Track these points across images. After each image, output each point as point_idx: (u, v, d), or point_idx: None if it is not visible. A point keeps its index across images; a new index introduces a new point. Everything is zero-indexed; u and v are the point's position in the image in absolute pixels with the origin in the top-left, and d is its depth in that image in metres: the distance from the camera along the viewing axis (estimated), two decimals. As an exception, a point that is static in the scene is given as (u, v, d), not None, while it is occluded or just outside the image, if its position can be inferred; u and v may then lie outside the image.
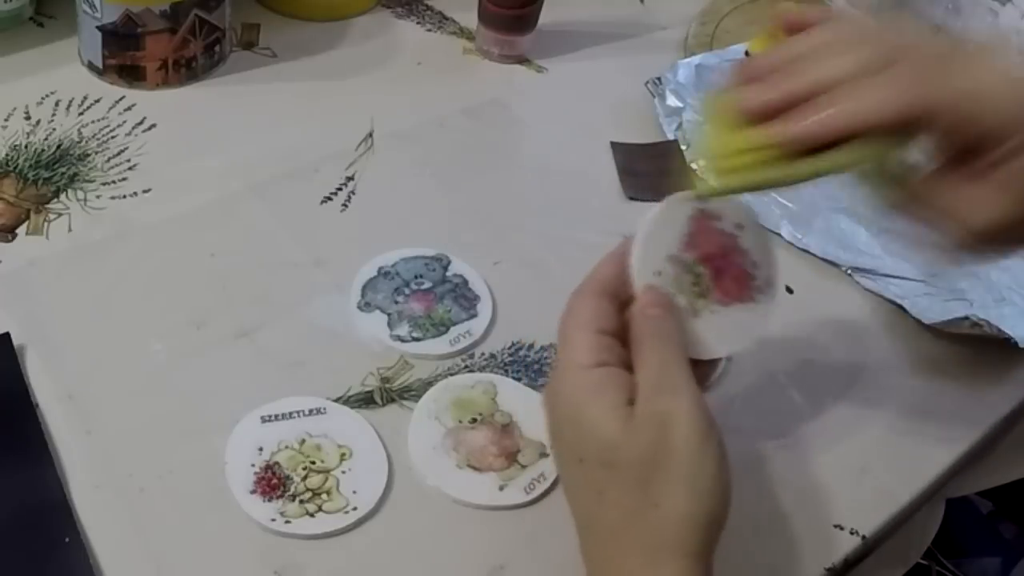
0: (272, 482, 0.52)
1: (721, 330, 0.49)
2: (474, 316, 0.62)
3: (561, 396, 0.46)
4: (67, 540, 0.49)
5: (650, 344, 0.46)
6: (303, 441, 0.54)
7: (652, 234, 0.48)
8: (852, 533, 0.56)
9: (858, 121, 0.43)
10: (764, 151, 0.45)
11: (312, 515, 0.51)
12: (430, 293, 0.63)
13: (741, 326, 0.50)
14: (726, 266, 0.49)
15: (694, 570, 0.43)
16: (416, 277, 0.64)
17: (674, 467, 0.43)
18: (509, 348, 0.61)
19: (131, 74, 0.73)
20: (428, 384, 0.58)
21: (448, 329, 0.61)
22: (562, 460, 0.48)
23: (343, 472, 0.53)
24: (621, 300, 0.48)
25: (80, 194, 0.66)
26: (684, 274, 0.49)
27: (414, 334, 0.61)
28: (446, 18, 0.86)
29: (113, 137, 0.70)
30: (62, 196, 0.65)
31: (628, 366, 0.46)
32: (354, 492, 0.52)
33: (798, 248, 0.70)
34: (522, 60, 0.83)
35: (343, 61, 0.80)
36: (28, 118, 0.70)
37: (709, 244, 0.49)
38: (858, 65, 0.43)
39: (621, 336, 0.47)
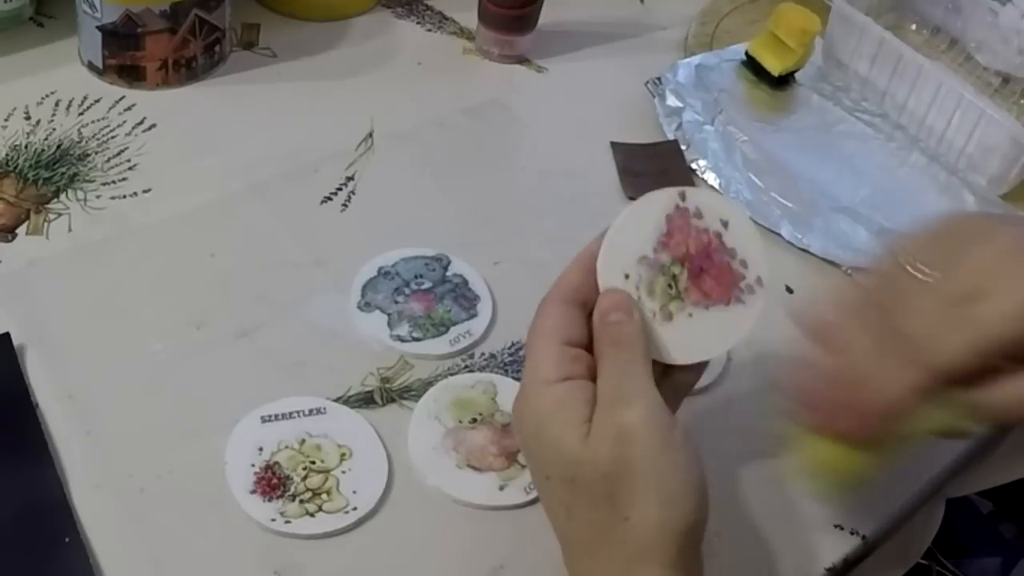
0: (272, 482, 0.52)
1: (698, 334, 0.48)
2: (474, 316, 0.62)
3: (526, 413, 0.46)
4: (67, 540, 0.49)
5: (608, 352, 0.45)
6: (303, 441, 0.54)
7: (621, 235, 0.47)
8: (852, 533, 0.56)
9: (897, 407, 0.45)
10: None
11: (312, 515, 0.51)
12: (430, 293, 0.63)
13: (722, 329, 0.48)
14: (708, 266, 0.48)
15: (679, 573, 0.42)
16: (416, 277, 0.64)
17: (638, 479, 0.42)
18: (509, 348, 0.61)
19: (131, 74, 0.73)
20: (428, 384, 0.58)
21: (448, 329, 0.61)
22: (533, 477, 0.48)
23: (343, 472, 0.53)
24: (591, 306, 0.47)
25: (80, 194, 0.66)
26: (658, 276, 0.47)
27: (414, 334, 0.61)
28: (446, 18, 0.86)
29: (113, 137, 0.70)
30: (62, 196, 0.65)
31: (596, 376, 0.46)
32: (354, 492, 0.52)
33: (798, 248, 0.70)
34: (522, 60, 0.83)
35: (343, 61, 0.80)
36: (28, 118, 0.70)
37: (687, 243, 0.48)
38: (876, 349, 0.45)
39: (590, 345, 0.47)
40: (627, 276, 0.47)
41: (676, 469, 0.43)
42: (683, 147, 0.76)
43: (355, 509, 0.52)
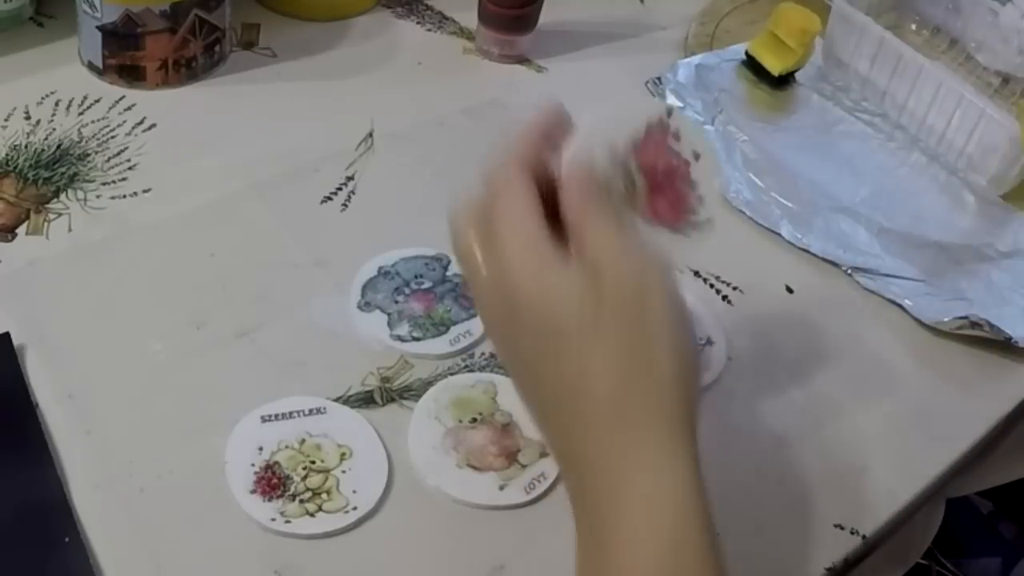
0: (272, 482, 0.52)
1: None
2: (474, 316, 0.62)
3: (516, 281, 0.42)
4: (67, 540, 0.49)
5: (595, 219, 0.43)
6: (303, 441, 0.54)
7: (599, 124, 0.46)
8: (852, 533, 0.56)
9: None
10: None
11: (312, 515, 0.51)
12: (430, 293, 0.63)
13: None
14: (667, 186, 0.47)
15: (687, 436, 0.41)
16: (416, 277, 0.64)
17: (655, 326, 0.41)
18: (509, 348, 0.61)
19: (131, 74, 0.73)
20: (428, 384, 0.58)
21: (448, 329, 0.61)
22: (527, 358, 0.44)
23: (343, 472, 0.53)
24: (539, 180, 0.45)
25: (80, 194, 0.66)
26: (617, 177, 0.46)
27: (414, 334, 0.61)
28: (446, 18, 0.86)
29: (113, 137, 0.70)
30: (62, 196, 0.65)
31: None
32: (354, 492, 0.52)
33: (798, 248, 0.71)
34: (522, 60, 0.83)
35: (343, 61, 0.80)
36: (28, 118, 0.70)
37: (657, 157, 0.46)
38: None
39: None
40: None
41: (685, 321, 0.42)
42: (683, 147, 0.76)
43: (355, 509, 0.52)
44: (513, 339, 0.45)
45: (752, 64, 0.83)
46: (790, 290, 0.68)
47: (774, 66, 0.82)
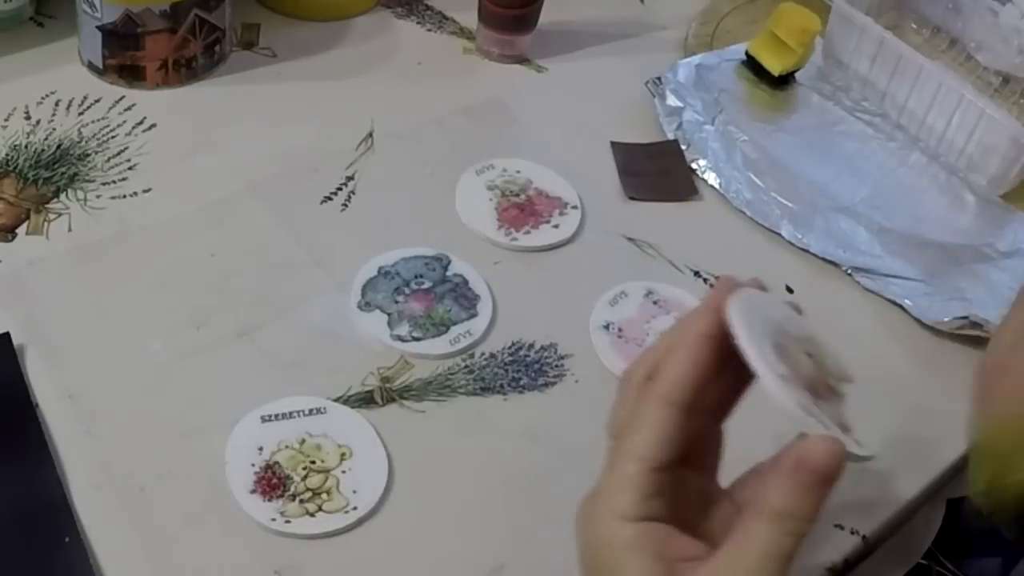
0: (272, 482, 0.52)
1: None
2: (474, 316, 0.62)
3: (593, 538, 0.41)
4: (67, 540, 0.49)
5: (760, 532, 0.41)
6: (303, 441, 0.54)
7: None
8: (852, 533, 0.56)
9: None
10: None
11: (312, 515, 0.51)
12: (430, 293, 0.63)
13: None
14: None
15: None
16: (416, 277, 0.64)
17: None
18: (509, 348, 0.61)
19: (131, 74, 0.73)
20: (428, 384, 0.58)
21: (448, 329, 0.61)
22: None
23: (343, 472, 0.53)
24: (693, 407, 0.42)
25: (80, 194, 0.66)
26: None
27: (414, 334, 0.61)
28: (446, 18, 0.86)
29: (113, 137, 0.70)
30: (62, 196, 0.65)
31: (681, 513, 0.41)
32: (354, 492, 0.53)
33: (798, 248, 0.71)
34: (522, 60, 0.83)
35: (343, 61, 0.80)
36: (28, 118, 0.70)
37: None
38: None
39: (685, 459, 0.41)
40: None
41: None
42: (683, 147, 0.76)
43: (355, 509, 0.52)
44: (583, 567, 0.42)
45: (752, 64, 0.83)
46: (790, 290, 0.68)
47: (774, 66, 0.82)
